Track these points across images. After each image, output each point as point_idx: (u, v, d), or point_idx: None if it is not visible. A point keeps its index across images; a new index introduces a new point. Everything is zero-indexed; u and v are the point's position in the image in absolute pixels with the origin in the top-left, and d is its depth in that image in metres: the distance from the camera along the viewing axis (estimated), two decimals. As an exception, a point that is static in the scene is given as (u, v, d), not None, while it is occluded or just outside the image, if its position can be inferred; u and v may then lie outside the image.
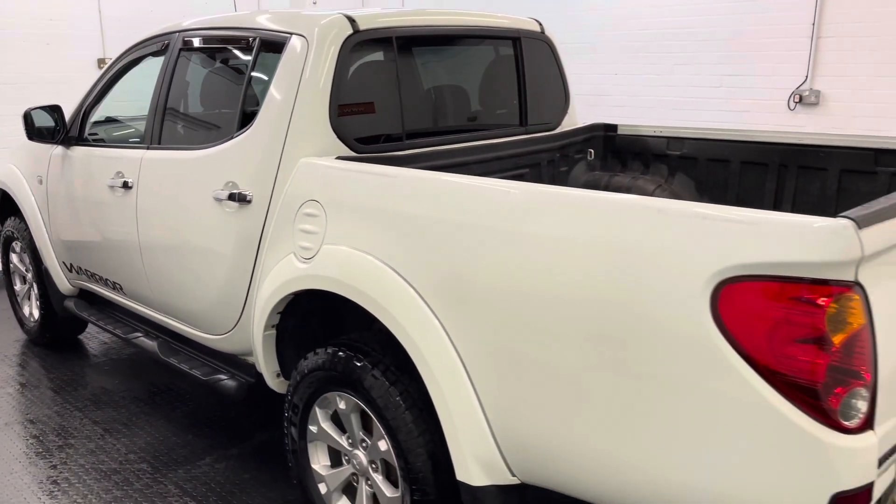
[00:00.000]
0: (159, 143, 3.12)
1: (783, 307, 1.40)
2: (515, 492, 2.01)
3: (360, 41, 2.59)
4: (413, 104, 2.92)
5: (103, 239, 3.44)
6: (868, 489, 1.44)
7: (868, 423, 1.44)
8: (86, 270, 3.73)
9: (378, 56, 2.75)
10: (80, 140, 3.65)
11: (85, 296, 4.01)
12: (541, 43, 3.30)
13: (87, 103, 3.65)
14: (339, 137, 2.55)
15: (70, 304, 3.99)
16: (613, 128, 3.44)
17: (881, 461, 1.48)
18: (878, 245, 1.40)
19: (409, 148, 2.73)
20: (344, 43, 2.53)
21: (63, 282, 3.99)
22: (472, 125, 3.14)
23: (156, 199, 3.04)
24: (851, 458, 1.41)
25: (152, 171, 3.08)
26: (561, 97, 3.42)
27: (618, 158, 3.43)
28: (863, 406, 1.42)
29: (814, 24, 4.65)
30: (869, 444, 1.43)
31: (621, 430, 1.66)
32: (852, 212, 1.40)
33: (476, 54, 3.19)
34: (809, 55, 4.71)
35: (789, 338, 1.40)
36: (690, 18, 5.26)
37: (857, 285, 1.40)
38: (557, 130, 3.36)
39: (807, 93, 4.74)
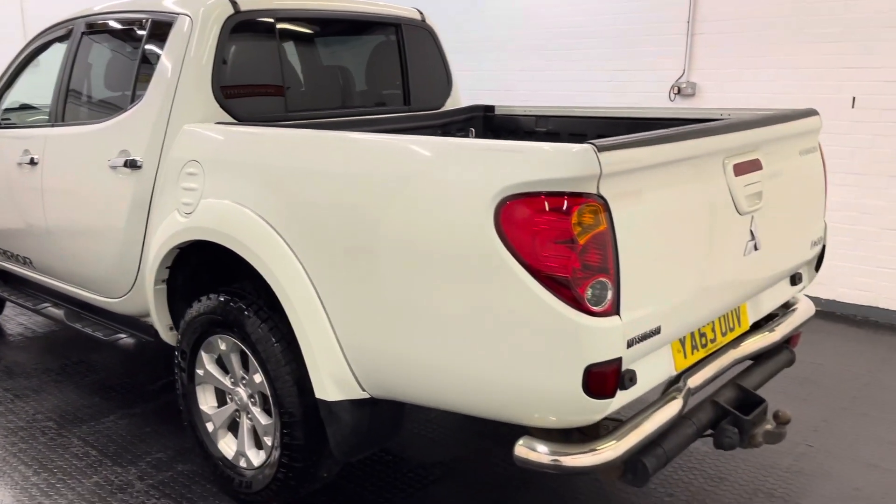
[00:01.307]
0: (63, 121, 3.33)
1: (543, 216, 1.73)
2: (367, 406, 2.31)
3: (241, 21, 2.87)
4: (297, 81, 3.20)
5: (14, 215, 3.62)
6: (617, 364, 1.78)
7: (615, 309, 1.78)
8: (-2, 248, 3.89)
9: (261, 35, 3.03)
10: (-9, 123, 3.82)
11: (-1, 275, 4.16)
12: (422, 30, 3.63)
13: (-3, 88, 3.83)
14: (224, 109, 2.82)
15: (-17, 283, 4.13)
16: (491, 108, 3.79)
17: (631, 343, 1.82)
18: (615, 167, 1.75)
19: (292, 120, 3.01)
20: (225, 22, 2.81)
21: (-24, 262, 4.14)
22: (356, 103, 3.44)
23: (59, 172, 3.26)
24: (599, 335, 1.74)
25: (56, 146, 3.29)
26: (444, 80, 3.76)
27: (496, 136, 3.77)
28: (608, 295, 1.76)
29: (688, 23, 5.12)
30: (614, 325, 1.76)
31: (431, 339, 1.96)
32: (597, 140, 1.74)
33: (360, 39, 3.50)
34: (686, 51, 5.17)
35: (548, 240, 1.73)
36: (583, 18, 5.69)
37: (598, 197, 1.74)
38: (440, 110, 3.69)
39: (684, 85, 5.20)
